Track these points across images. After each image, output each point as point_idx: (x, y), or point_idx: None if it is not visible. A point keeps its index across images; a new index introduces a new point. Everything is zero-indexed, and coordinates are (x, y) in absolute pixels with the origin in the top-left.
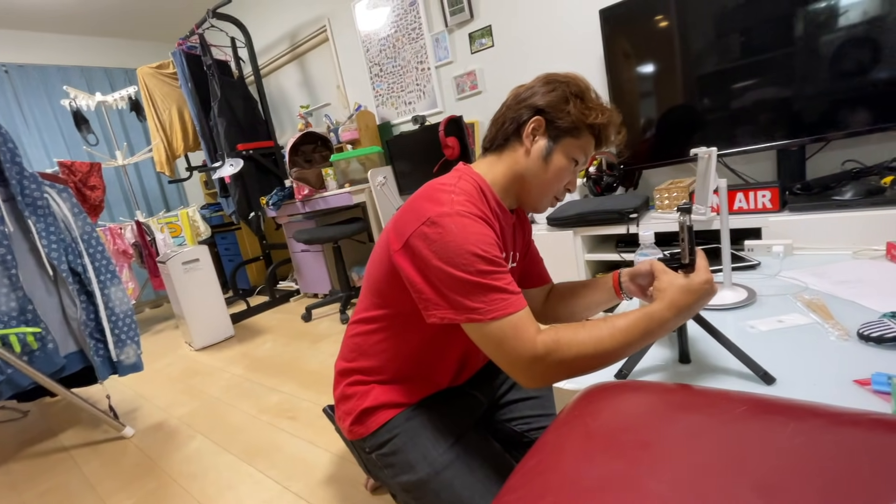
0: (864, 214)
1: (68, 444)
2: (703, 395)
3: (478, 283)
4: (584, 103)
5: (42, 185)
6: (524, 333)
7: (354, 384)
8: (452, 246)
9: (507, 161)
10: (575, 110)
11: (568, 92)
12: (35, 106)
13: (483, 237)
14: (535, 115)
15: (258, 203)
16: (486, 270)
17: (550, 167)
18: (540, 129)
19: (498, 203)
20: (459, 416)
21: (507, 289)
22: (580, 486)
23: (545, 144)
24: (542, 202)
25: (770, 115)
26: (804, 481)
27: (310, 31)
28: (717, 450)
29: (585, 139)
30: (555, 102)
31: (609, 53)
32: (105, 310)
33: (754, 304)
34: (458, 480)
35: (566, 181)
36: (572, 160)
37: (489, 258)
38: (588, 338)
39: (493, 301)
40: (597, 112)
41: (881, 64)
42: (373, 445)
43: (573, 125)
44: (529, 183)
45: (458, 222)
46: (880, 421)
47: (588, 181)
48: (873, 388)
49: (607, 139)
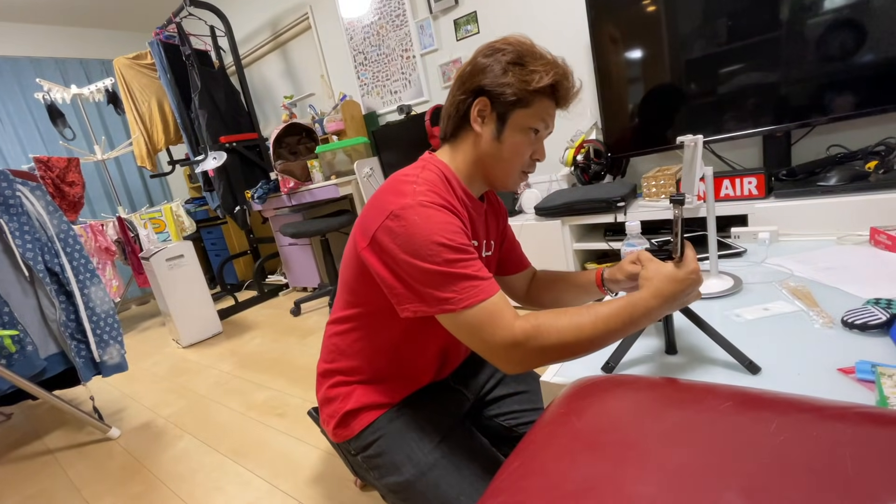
0: (849, 200)
1: (53, 446)
2: (688, 391)
3: (446, 272)
4: (525, 68)
5: (14, 183)
6: (500, 319)
7: (336, 386)
8: (417, 238)
9: (464, 148)
10: (516, 80)
11: (505, 62)
12: (8, 100)
13: (447, 225)
14: (478, 97)
15: (243, 197)
16: (454, 259)
17: (505, 146)
18: (486, 109)
19: (465, 191)
20: (444, 414)
21: (478, 275)
22: (564, 489)
23: (494, 124)
24: (509, 181)
25: (756, 100)
26: (789, 481)
27: (292, 19)
28: (703, 449)
29: (538, 105)
30: (493, 78)
31: (595, 39)
32: (85, 310)
33: (740, 292)
34: (444, 480)
35: (529, 153)
36: (530, 130)
37: (455, 246)
38: (569, 325)
39: (463, 289)
40: (540, 74)
41: (865, 48)
42: (358, 448)
43: (518, 97)
44: (490, 165)
45: (422, 213)
46: (865, 414)
47: (576, 170)
48: (857, 376)
49: (564, 97)
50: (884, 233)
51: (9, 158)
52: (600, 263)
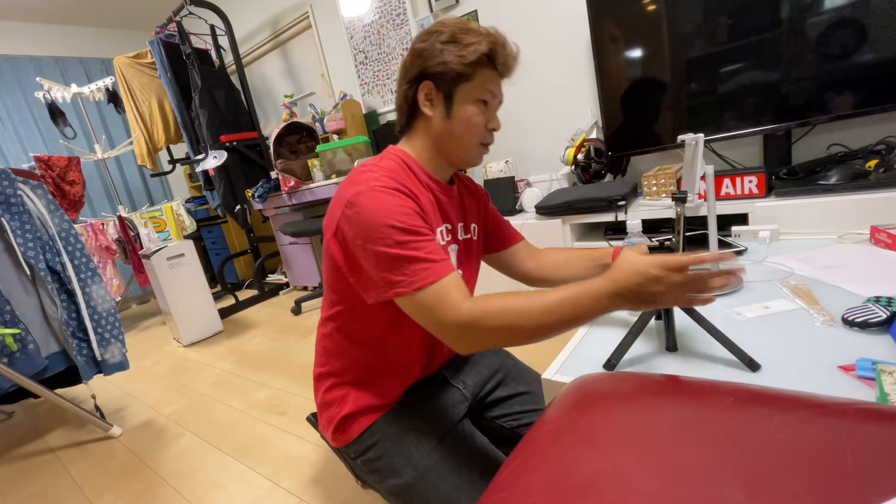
0: (849, 199)
1: (55, 445)
2: (690, 388)
3: (397, 255)
4: (459, 44)
5: (15, 182)
6: (448, 300)
7: (331, 389)
8: (369, 222)
9: (420, 135)
10: (452, 57)
11: (439, 42)
12: (8, 98)
13: (399, 208)
14: (422, 82)
15: (244, 196)
16: (405, 241)
17: (456, 121)
18: (431, 92)
19: (430, 176)
20: (443, 415)
21: (429, 258)
22: (565, 485)
23: (442, 104)
24: (469, 155)
25: (756, 99)
26: (790, 476)
27: (292, 18)
28: (705, 445)
29: (480, 76)
30: (432, 60)
31: (596, 38)
32: (87, 308)
33: (741, 291)
34: (444, 482)
35: (483, 124)
36: (478, 102)
37: (407, 228)
38: (517, 308)
39: (415, 272)
40: (475, 45)
41: (865, 47)
42: (357, 451)
43: (457, 72)
44: (447, 144)
45: (373, 198)
46: (866, 410)
47: (576, 168)
48: (858, 373)
49: (504, 63)
50: (884, 231)
51: (9, 157)
52: None
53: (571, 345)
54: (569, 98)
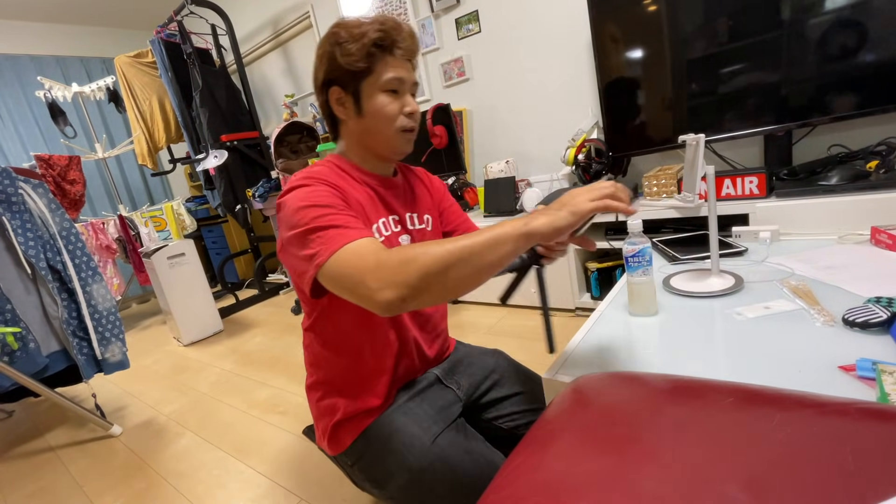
0: (850, 199)
1: (55, 443)
2: (691, 387)
3: (310, 228)
4: (349, 42)
5: (16, 181)
6: (364, 253)
7: (322, 399)
8: (289, 212)
9: (346, 138)
10: (345, 58)
11: (331, 47)
12: (9, 97)
13: (313, 192)
14: (329, 89)
15: (244, 195)
16: (318, 215)
17: (368, 116)
18: (341, 96)
19: (364, 172)
20: (437, 415)
21: (342, 224)
22: (567, 484)
23: (353, 104)
24: (392, 145)
25: (757, 100)
26: (791, 475)
27: (293, 18)
28: (706, 444)
29: (379, 66)
30: (329, 66)
31: (596, 38)
32: (87, 307)
33: (741, 291)
34: (440, 483)
35: (398, 111)
36: (386, 92)
37: (318, 204)
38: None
39: (330, 238)
40: (360, 41)
41: (866, 48)
42: (353, 459)
43: (356, 71)
44: (368, 140)
45: (292, 195)
46: (866, 410)
47: (577, 169)
48: (858, 373)
49: (400, 45)
50: (885, 232)
51: (10, 156)
52: (602, 262)
53: (571, 345)
54: (569, 98)
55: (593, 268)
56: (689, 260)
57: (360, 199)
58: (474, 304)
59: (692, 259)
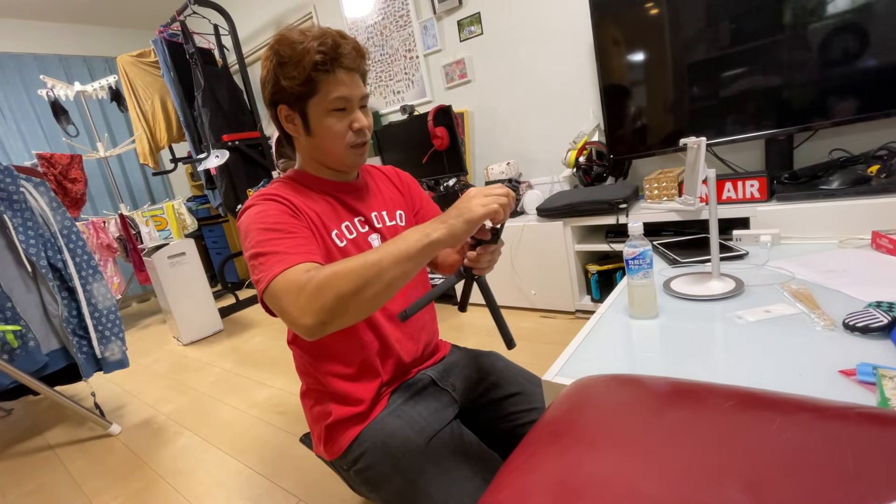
0: (850, 204)
1: (54, 442)
2: (690, 390)
3: (255, 253)
4: (289, 64)
5: (18, 179)
6: (292, 278)
7: (314, 405)
8: (242, 234)
9: (300, 150)
10: (287, 81)
11: (273, 68)
12: (11, 96)
13: (263, 213)
14: (277, 108)
15: (245, 195)
16: (264, 239)
17: (316, 133)
18: (290, 114)
19: (318, 180)
20: (431, 418)
21: (284, 251)
22: (565, 485)
23: (300, 122)
24: (343, 160)
25: (758, 103)
26: (791, 478)
27: (295, 18)
28: (705, 447)
29: (324, 85)
30: (273, 87)
31: (598, 41)
32: (88, 306)
33: (742, 295)
34: (434, 485)
35: (346, 128)
36: (333, 111)
37: (268, 227)
38: (347, 261)
39: (269, 266)
40: (301, 64)
41: (867, 53)
42: (348, 463)
43: (299, 92)
44: (320, 157)
45: (247, 215)
46: (866, 415)
47: (578, 171)
48: (859, 378)
49: (344, 61)
50: (885, 236)
51: (11, 154)
52: (602, 265)
53: (572, 347)
54: (571, 100)
55: (594, 270)
56: (690, 263)
57: (316, 210)
58: (472, 305)
59: (693, 262)
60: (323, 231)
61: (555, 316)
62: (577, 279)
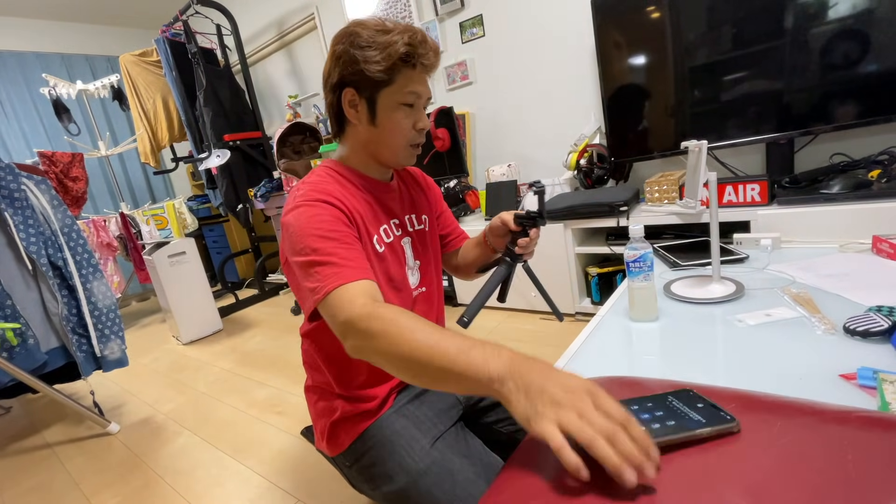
0: (851, 208)
1: (52, 440)
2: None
3: (311, 261)
4: (374, 49)
5: (19, 177)
6: (349, 298)
7: (320, 400)
8: (295, 237)
9: (350, 141)
10: (369, 63)
11: (352, 49)
12: (13, 94)
13: (317, 217)
14: (344, 90)
15: (246, 195)
16: (320, 248)
17: (381, 127)
18: (354, 98)
19: (363, 177)
20: (436, 419)
21: (341, 263)
22: (565, 487)
23: (366, 109)
24: (399, 158)
25: (759, 108)
26: (792, 482)
27: (297, 19)
28: (706, 450)
29: (401, 79)
30: (349, 68)
31: (600, 44)
32: (87, 305)
33: (742, 298)
34: (437, 486)
35: (411, 126)
36: (402, 107)
37: (324, 235)
38: (403, 322)
39: (326, 276)
40: (389, 49)
41: (869, 58)
42: (351, 460)
43: (376, 79)
44: (376, 149)
45: (297, 215)
46: (867, 419)
47: (579, 174)
48: (859, 382)
49: (424, 61)
50: (886, 241)
51: (13, 152)
52: (602, 267)
53: (572, 349)
54: (572, 103)
55: (594, 273)
56: (691, 266)
57: (360, 211)
58: None
59: (693, 265)
60: (366, 237)
61: (554, 318)
62: (577, 282)
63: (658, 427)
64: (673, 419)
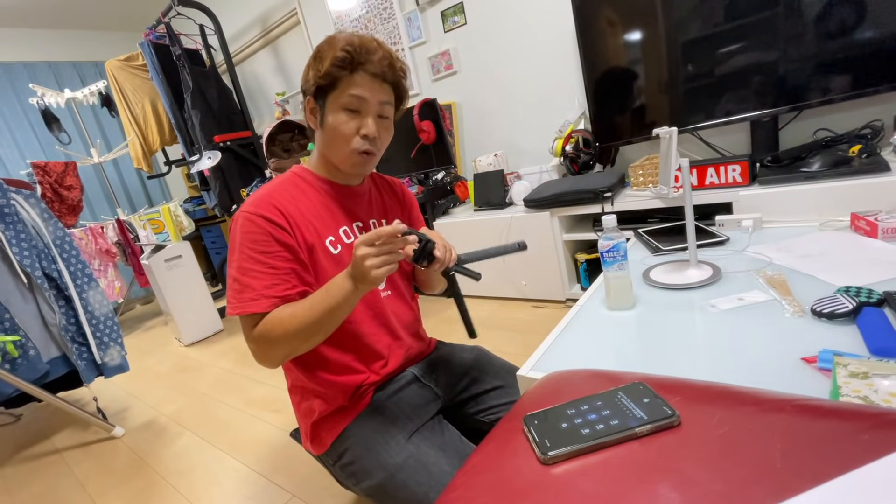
0: (831, 185)
1: (61, 445)
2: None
3: (235, 277)
4: (317, 60)
5: (8, 192)
6: (251, 322)
7: (301, 402)
8: (231, 246)
9: (316, 146)
10: (313, 72)
11: (310, 61)
12: (4, 105)
13: (250, 235)
14: (306, 99)
15: (240, 195)
16: (245, 267)
17: (327, 130)
18: (315, 107)
19: (322, 180)
20: (413, 414)
21: (255, 289)
22: (513, 486)
23: (320, 114)
24: (347, 164)
25: (742, 86)
26: (721, 475)
27: (280, 15)
28: (646, 445)
29: (343, 83)
30: (304, 78)
31: (581, 28)
32: (85, 314)
33: (719, 282)
34: (413, 479)
35: (354, 131)
36: (345, 110)
37: (251, 256)
38: (287, 316)
39: (241, 300)
40: (328, 59)
41: (853, 31)
42: (333, 458)
43: (322, 84)
44: (326, 153)
45: (238, 226)
46: (802, 406)
47: (565, 160)
48: (819, 365)
49: (364, 68)
50: (863, 218)
51: (7, 163)
52: (590, 254)
53: (546, 343)
54: (556, 88)
55: (582, 259)
56: (671, 251)
57: (311, 215)
58: (466, 297)
59: (674, 250)
60: (315, 240)
61: (546, 305)
62: (567, 268)
63: (602, 428)
64: (617, 418)
